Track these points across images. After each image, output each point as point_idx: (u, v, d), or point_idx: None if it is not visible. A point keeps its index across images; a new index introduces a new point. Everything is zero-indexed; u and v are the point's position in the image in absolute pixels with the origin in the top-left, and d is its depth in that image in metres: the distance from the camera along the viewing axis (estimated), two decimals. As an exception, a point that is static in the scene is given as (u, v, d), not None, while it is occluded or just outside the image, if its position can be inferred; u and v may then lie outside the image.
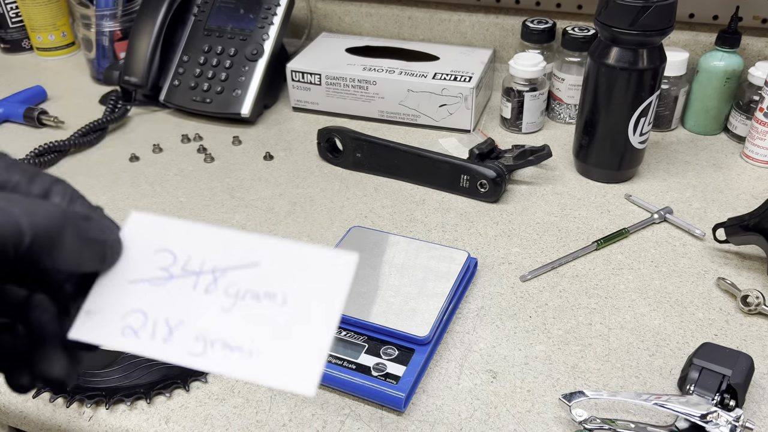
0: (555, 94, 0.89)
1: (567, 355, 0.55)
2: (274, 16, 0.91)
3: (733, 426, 0.45)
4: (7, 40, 1.15)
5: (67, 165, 0.83)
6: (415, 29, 1.00)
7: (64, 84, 1.05)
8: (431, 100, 0.87)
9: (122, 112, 0.91)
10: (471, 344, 0.56)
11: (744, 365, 0.49)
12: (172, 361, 0.30)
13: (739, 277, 0.62)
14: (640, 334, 0.57)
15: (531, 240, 0.68)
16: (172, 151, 0.86)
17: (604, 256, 0.66)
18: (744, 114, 0.82)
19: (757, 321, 0.58)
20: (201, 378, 0.53)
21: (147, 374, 0.53)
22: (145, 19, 0.92)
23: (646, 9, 0.65)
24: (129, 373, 0.53)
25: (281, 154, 0.85)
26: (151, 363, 0.54)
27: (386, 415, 0.50)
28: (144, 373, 0.53)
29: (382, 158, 0.78)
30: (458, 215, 0.72)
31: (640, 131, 0.73)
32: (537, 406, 0.50)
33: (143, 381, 0.52)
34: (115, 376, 0.53)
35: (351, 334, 0.54)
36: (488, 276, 0.63)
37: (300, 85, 0.92)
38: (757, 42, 0.85)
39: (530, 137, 0.87)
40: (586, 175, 0.78)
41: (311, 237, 0.69)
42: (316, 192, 0.77)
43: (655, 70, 0.69)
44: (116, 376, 0.53)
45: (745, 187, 0.76)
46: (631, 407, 0.50)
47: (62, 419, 0.51)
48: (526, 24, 0.89)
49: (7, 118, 0.93)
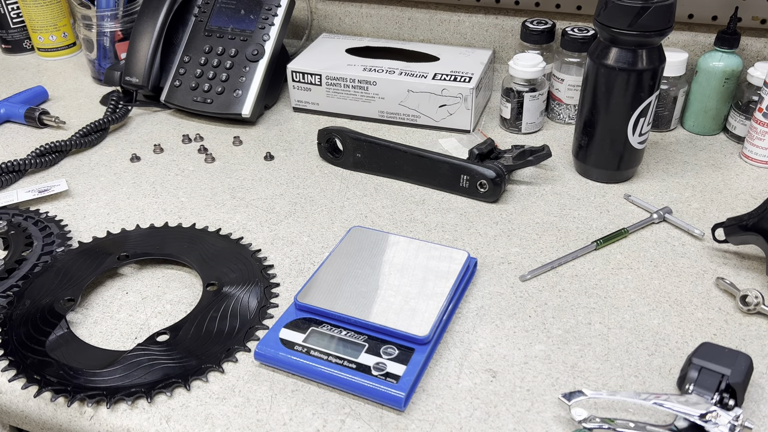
0: (554, 95, 0.90)
1: (566, 354, 0.55)
2: (275, 17, 0.91)
3: (732, 425, 0.45)
4: (9, 41, 1.15)
5: (68, 165, 0.83)
6: (415, 30, 1.01)
7: (65, 84, 1.05)
8: (431, 100, 0.87)
9: (123, 112, 0.92)
10: (471, 344, 0.56)
11: (743, 365, 0.49)
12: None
13: (738, 276, 0.63)
14: (639, 333, 0.57)
15: (530, 240, 0.68)
16: (173, 151, 0.86)
17: (603, 256, 0.66)
18: (743, 114, 0.83)
19: (756, 321, 0.58)
20: (202, 377, 0.53)
21: (148, 373, 0.53)
22: (145, 19, 0.92)
23: (645, 10, 0.65)
24: (130, 373, 0.53)
25: (282, 154, 0.85)
26: (152, 362, 0.54)
27: (386, 414, 0.50)
28: (145, 372, 0.53)
29: (382, 158, 0.78)
30: (458, 215, 0.72)
31: (640, 131, 0.73)
32: (536, 405, 0.51)
33: (144, 380, 0.52)
34: (116, 376, 0.53)
35: (351, 334, 0.54)
36: (488, 276, 0.63)
37: (300, 86, 0.92)
38: (756, 42, 0.85)
39: (530, 137, 0.88)
40: (586, 175, 0.78)
41: (311, 237, 0.69)
42: (317, 192, 0.77)
43: (654, 70, 0.69)
44: (117, 376, 0.53)
45: (744, 187, 0.76)
46: (631, 406, 0.50)
47: (63, 418, 0.51)
48: (526, 25, 0.90)
49: (8, 118, 0.94)
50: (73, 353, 0.55)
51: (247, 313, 0.58)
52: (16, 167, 0.80)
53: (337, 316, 0.55)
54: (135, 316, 0.60)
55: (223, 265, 0.64)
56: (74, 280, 0.62)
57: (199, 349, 0.55)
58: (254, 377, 0.53)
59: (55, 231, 0.69)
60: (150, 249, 0.66)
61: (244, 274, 0.63)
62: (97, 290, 0.63)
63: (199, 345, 0.55)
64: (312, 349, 0.53)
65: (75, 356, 0.55)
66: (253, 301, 0.60)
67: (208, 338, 0.56)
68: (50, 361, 0.54)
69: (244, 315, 0.58)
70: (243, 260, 0.64)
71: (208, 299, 0.60)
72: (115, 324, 0.59)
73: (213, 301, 0.59)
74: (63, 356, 0.55)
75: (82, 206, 0.75)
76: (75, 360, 0.54)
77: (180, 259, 0.65)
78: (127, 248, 0.66)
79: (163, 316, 0.60)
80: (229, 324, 0.57)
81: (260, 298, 0.60)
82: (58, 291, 0.61)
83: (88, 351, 0.55)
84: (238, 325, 0.57)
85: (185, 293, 0.62)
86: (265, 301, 0.60)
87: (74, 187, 0.78)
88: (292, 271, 0.65)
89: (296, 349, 0.53)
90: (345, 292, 0.57)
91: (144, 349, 0.55)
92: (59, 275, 0.63)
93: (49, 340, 0.56)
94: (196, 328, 0.57)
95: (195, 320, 0.58)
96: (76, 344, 0.56)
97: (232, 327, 0.57)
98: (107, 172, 0.82)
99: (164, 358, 0.54)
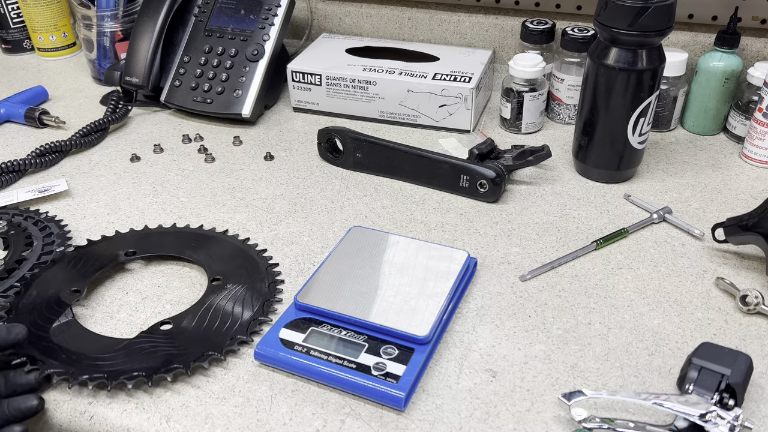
0: (554, 95, 0.90)
1: (566, 354, 0.55)
2: (275, 17, 0.91)
3: (732, 425, 0.45)
4: (9, 41, 1.15)
5: (68, 165, 0.83)
6: (415, 30, 1.01)
7: (66, 84, 1.05)
8: (431, 100, 0.87)
9: (123, 112, 0.92)
10: (471, 344, 0.56)
11: (743, 365, 0.49)
12: None
13: (738, 276, 0.63)
14: (639, 333, 0.57)
15: (530, 240, 0.68)
16: (173, 151, 0.86)
17: (603, 256, 0.66)
18: (743, 114, 0.83)
19: (755, 320, 0.58)
20: (204, 363, 0.53)
21: (150, 359, 0.53)
22: (146, 19, 0.92)
23: (645, 10, 0.65)
24: (131, 358, 0.53)
25: (282, 154, 0.85)
26: (154, 348, 0.54)
27: (386, 414, 0.50)
28: (147, 358, 0.53)
29: (382, 158, 0.78)
30: (458, 215, 0.72)
31: (639, 131, 0.73)
32: (536, 405, 0.51)
33: (146, 365, 0.53)
34: (118, 360, 0.53)
35: (351, 334, 0.54)
36: (488, 276, 0.63)
37: (300, 86, 0.92)
38: (756, 42, 0.85)
39: (530, 137, 0.88)
40: (586, 176, 0.78)
41: (311, 237, 0.69)
42: (317, 192, 0.77)
43: (654, 70, 0.69)
44: (119, 361, 0.53)
45: (743, 187, 0.76)
46: (631, 406, 0.50)
47: (63, 418, 0.51)
48: (526, 25, 0.90)
49: (8, 118, 0.94)
50: (76, 340, 0.56)
51: (252, 306, 0.59)
52: (16, 167, 0.80)
53: (337, 316, 0.55)
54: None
55: (229, 263, 0.64)
56: (81, 274, 0.63)
57: (202, 337, 0.55)
58: (254, 377, 0.53)
59: (55, 231, 0.69)
60: (157, 247, 0.67)
61: (249, 271, 0.63)
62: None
63: (202, 333, 0.56)
64: (312, 349, 0.53)
65: (78, 342, 0.55)
66: (258, 296, 0.60)
67: (211, 327, 0.56)
68: (53, 347, 0.55)
69: (249, 308, 0.58)
70: (249, 259, 0.65)
71: (213, 292, 0.60)
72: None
73: (218, 294, 0.60)
74: (66, 342, 0.55)
75: (82, 206, 0.75)
76: (78, 346, 0.55)
77: (186, 255, 0.65)
78: (135, 245, 0.67)
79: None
80: (233, 316, 0.58)
81: (265, 293, 0.60)
82: (65, 283, 0.62)
83: (91, 338, 0.56)
84: (241, 317, 0.58)
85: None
86: (269, 295, 0.60)
87: (74, 187, 0.78)
88: (292, 270, 0.65)
89: (296, 349, 0.53)
90: (345, 292, 0.57)
91: (147, 337, 0.56)
92: (67, 268, 0.64)
93: (54, 327, 0.57)
94: (200, 318, 0.57)
95: (199, 311, 0.58)
96: (79, 331, 0.57)
97: (235, 319, 0.57)
98: (107, 172, 0.82)
99: (167, 346, 0.55)
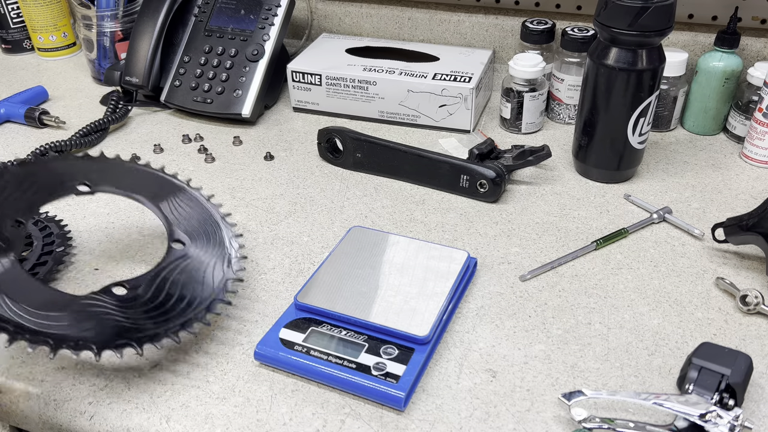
0: (554, 95, 0.90)
1: (566, 354, 0.55)
2: (275, 17, 0.91)
3: (732, 425, 0.45)
4: (9, 41, 1.15)
5: (68, 165, 0.83)
6: (415, 30, 1.01)
7: (66, 84, 1.05)
8: (431, 100, 0.87)
9: (123, 112, 0.92)
10: (471, 344, 0.56)
11: (743, 365, 0.49)
12: None
13: (738, 276, 0.63)
14: (639, 333, 0.57)
15: (530, 240, 0.68)
16: (173, 151, 0.86)
17: (603, 255, 0.66)
18: (743, 114, 0.83)
19: (755, 320, 0.58)
20: (157, 345, 0.49)
21: (100, 326, 0.48)
22: (145, 19, 0.92)
23: (645, 10, 0.65)
24: (80, 323, 0.48)
25: (282, 154, 0.85)
26: (104, 313, 0.49)
27: (386, 414, 0.50)
28: (95, 324, 0.48)
29: (382, 158, 0.78)
30: (458, 215, 0.72)
31: (639, 131, 0.73)
32: (536, 405, 0.51)
33: (94, 334, 0.47)
34: (64, 323, 0.48)
35: (351, 334, 0.54)
36: (488, 276, 0.63)
37: (300, 86, 0.92)
38: (756, 42, 0.85)
39: (530, 137, 0.88)
40: (586, 176, 0.78)
41: (311, 237, 0.69)
42: (317, 192, 0.77)
43: (654, 70, 0.69)
44: (65, 323, 0.48)
45: (743, 187, 0.76)
46: (631, 406, 0.50)
47: (63, 418, 0.51)
48: (526, 25, 0.90)
49: (8, 118, 0.94)
50: (18, 289, 0.49)
51: (212, 282, 0.55)
52: (16, 167, 0.80)
53: (336, 316, 0.55)
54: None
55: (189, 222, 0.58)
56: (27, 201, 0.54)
57: (156, 313, 0.51)
58: (254, 377, 0.53)
59: (55, 231, 0.69)
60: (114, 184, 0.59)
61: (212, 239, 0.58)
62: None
63: (157, 308, 0.51)
64: (312, 349, 0.53)
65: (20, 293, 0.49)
66: (219, 271, 0.56)
67: (167, 302, 0.52)
68: None
69: (209, 285, 0.54)
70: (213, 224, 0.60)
71: (174, 258, 0.55)
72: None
73: (178, 262, 0.55)
74: (7, 290, 0.49)
75: (82, 206, 0.75)
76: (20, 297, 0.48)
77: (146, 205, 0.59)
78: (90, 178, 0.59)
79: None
80: (191, 292, 0.53)
81: (225, 270, 0.57)
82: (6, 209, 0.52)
83: (35, 289, 0.49)
84: (200, 295, 0.53)
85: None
86: (231, 273, 0.57)
87: (74, 187, 0.78)
88: (292, 271, 0.65)
89: (296, 349, 0.53)
90: (345, 292, 0.57)
91: (98, 299, 0.50)
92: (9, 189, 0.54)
93: None
94: (156, 289, 0.52)
95: (156, 280, 0.53)
96: (23, 280, 0.50)
97: (193, 296, 0.53)
98: (107, 172, 0.82)
99: (118, 315, 0.50)
